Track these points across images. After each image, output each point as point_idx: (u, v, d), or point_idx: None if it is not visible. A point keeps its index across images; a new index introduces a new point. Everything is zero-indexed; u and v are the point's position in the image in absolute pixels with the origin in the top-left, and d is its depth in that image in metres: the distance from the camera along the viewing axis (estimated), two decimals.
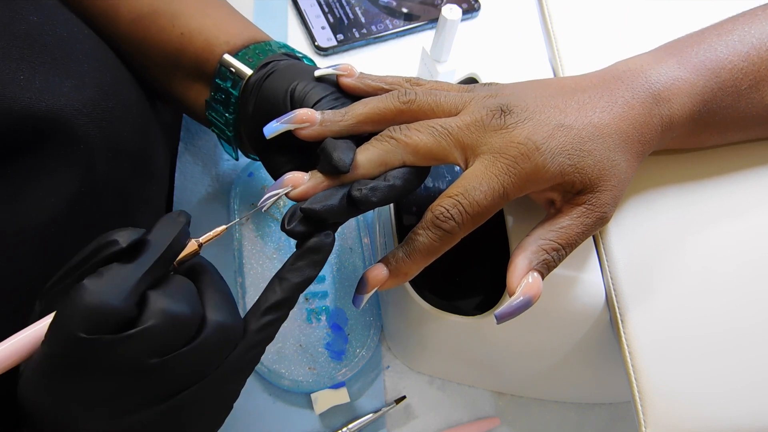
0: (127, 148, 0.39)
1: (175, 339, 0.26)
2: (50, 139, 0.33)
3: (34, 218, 0.33)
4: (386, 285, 0.32)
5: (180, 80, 0.43)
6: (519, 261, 0.30)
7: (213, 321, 0.28)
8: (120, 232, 0.27)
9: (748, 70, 0.34)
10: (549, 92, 0.33)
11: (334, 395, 0.46)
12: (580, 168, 0.31)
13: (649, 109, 0.33)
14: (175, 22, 0.41)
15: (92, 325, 0.25)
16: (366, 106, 0.33)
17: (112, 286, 0.25)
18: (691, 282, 0.35)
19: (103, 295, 0.25)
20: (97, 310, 0.25)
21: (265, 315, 0.30)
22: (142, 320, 0.26)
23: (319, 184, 0.31)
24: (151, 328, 0.25)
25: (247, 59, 0.39)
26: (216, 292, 0.29)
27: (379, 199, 0.30)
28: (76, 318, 0.25)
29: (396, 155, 0.32)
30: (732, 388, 0.33)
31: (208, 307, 0.28)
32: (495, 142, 0.31)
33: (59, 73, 0.34)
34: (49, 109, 0.33)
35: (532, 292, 0.30)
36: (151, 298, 0.26)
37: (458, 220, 0.30)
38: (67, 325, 0.25)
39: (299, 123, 0.32)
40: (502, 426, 0.49)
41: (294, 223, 0.30)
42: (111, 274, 0.26)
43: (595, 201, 0.31)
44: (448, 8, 0.50)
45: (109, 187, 0.37)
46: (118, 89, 0.38)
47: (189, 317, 0.27)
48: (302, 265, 0.31)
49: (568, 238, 0.31)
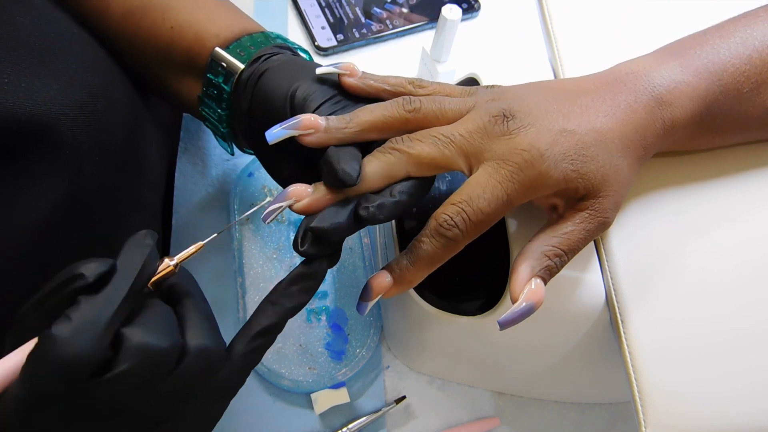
0: (117, 150, 0.38)
1: (154, 374, 0.26)
2: (35, 143, 0.32)
3: (19, 226, 0.32)
4: (390, 293, 0.31)
5: (172, 75, 0.42)
6: (522, 268, 0.30)
7: (193, 347, 0.27)
8: (86, 264, 0.25)
9: (750, 73, 0.34)
10: (551, 95, 0.33)
11: (334, 395, 0.46)
12: (584, 174, 0.31)
13: (652, 112, 0.33)
14: (165, 15, 0.40)
15: (66, 377, 0.23)
16: (371, 114, 0.33)
17: (82, 331, 0.24)
18: (691, 282, 0.35)
19: (74, 345, 0.23)
20: (69, 361, 0.23)
21: (255, 339, 0.30)
22: (118, 361, 0.24)
23: (323, 197, 0.31)
24: (127, 370, 0.24)
25: (239, 52, 0.38)
26: (196, 315, 0.28)
27: (387, 216, 0.30)
28: (48, 370, 0.23)
29: (400, 167, 0.31)
30: (732, 388, 0.33)
31: (187, 332, 0.27)
32: (498, 148, 0.31)
33: (46, 75, 0.33)
34: (33, 113, 0.32)
35: (534, 298, 0.30)
36: (125, 336, 0.25)
37: (462, 228, 0.30)
38: (40, 376, 0.24)
39: (303, 129, 0.32)
40: (502, 426, 0.49)
41: (306, 245, 0.30)
42: (80, 316, 0.24)
43: (597, 206, 0.31)
44: (448, 8, 0.50)
45: (99, 190, 0.37)
46: (107, 90, 0.38)
47: (167, 349, 0.26)
48: (295, 291, 0.30)
49: (570, 244, 0.31)
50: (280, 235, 0.52)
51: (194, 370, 0.27)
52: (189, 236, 0.52)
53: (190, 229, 0.52)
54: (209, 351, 0.27)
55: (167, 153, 0.50)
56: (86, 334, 0.24)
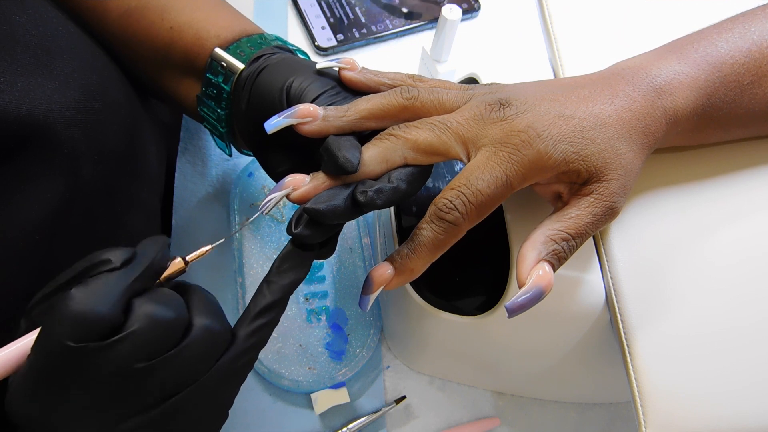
0: (115, 150, 0.38)
1: (160, 342, 0.26)
2: (32, 144, 0.32)
3: (17, 227, 0.32)
4: (392, 284, 0.31)
5: (170, 75, 0.42)
6: (527, 252, 0.30)
7: (199, 325, 0.28)
8: (113, 251, 0.27)
9: (750, 66, 0.34)
10: (548, 88, 0.33)
11: (334, 395, 0.46)
12: (584, 156, 0.30)
13: (652, 101, 0.32)
14: (164, 15, 0.40)
15: (79, 333, 0.25)
16: (369, 102, 0.33)
17: (99, 294, 0.25)
18: (691, 282, 0.35)
19: (90, 304, 0.25)
20: (84, 317, 0.25)
21: (255, 320, 0.30)
22: (127, 325, 0.26)
23: (320, 185, 0.31)
24: (135, 332, 0.25)
25: (239, 53, 0.39)
26: (203, 300, 0.29)
27: (384, 201, 0.30)
28: (62, 326, 0.25)
29: (397, 152, 0.31)
30: (732, 388, 0.33)
31: (194, 312, 0.28)
32: (495, 133, 0.31)
33: (42, 75, 0.33)
34: (30, 113, 0.32)
35: (543, 283, 0.29)
36: (136, 304, 0.26)
37: (462, 211, 0.29)
38: (54, 333, 0.25)
39: (302, 118, 0.32)
40: (502, 426, 0.49)
41: (300, 227, 0.30)
42: (97, 284, 0.26)
43: (602, 190, 0.31)
44: (448, 8, 0.50)
45: (97, 191, 0.36)
46: (105, 90, 0.38)
47: (174, 320, 0.27)
48: (287, 268, 0.31)
49: (577, 228, 0.30)
50: (280, 235, 0.52)
51: (199, 347, 0.27)
52: (189, 236, 0.52)
53: (190, 229, 0.52)
54: (214, 329, 0.28)
55: (166, 152, 0.50)
56: (101, 296, 0.25)
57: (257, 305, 0.30)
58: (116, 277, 0.26)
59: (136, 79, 0.44)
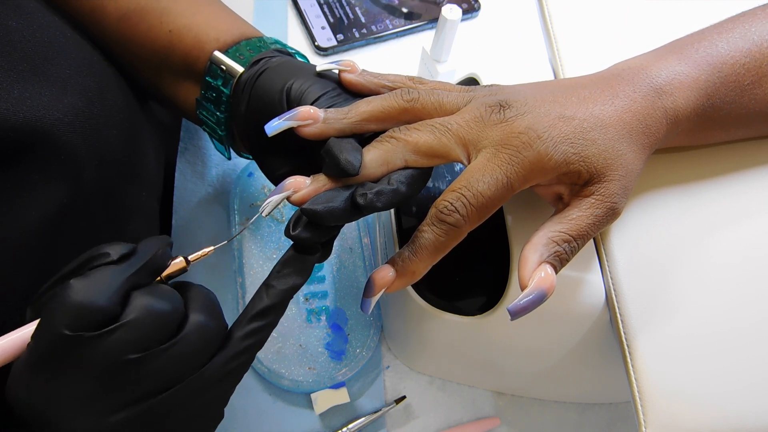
0: (114, 154, 0.38)
1: (154, 334, 0.27)
2: (30, 151, 0.32)
3: (17, 232, 0.32)
4: (394, 286, 0.31)
5: (170, 79, 0.42)
6: (529, 254, 0.30)
7: (194, 320, 0.28)
8: (112, 245, 0.28)
9: (750, 66, 0.34)
10: (548, 89, 0.33)
11: (334, 395, 0.46)
12: (585, 156, 0.30)
13: (652, 101, 0.32)
14: (163, 19, 0.40)
15: (76, 322, 0.25)
16: (369, 104, 0.33)
17: (98, 285, 0.26)
18: (691, 282, 0.35)
19: (88, 294, 0.26)
20: (82, 307, 0.25)
21: (251, 322, 0.30)
22: (123, 316, 0.26)
23: (321, 187, 0.31)
24: (131, 322, 0.26)
25: (238, 56, 0.39)
26: (201, 297, 0.30)
27: (384, 204, 0.30)
28: (60, 315, 0.25)
29: (398, 154, 0.31)
30: (732, 388, 0.33)
31: (191, 308, 0.29)
32: (495, 135, 0.31)
33: (39, 82, 0.33)
34: (28, 120, 0.32)
35: (545, 285, 0.29)
36: (133, 296, 0.27)
37: (463, 213, 0.29)
38: (52, 322, 0.25)
39: (302, 120, 0.32)
40: (502, 426, 0.49)
41: (299, 228, 0.30)
42: (97, 275, 0.27)
43: (603, 191, 0.31)
44: (448, 8, 0.50)
45: (97, 195, 0.36)
46: (103, 94, 0.37)
47: (169, 313, 0.27)
48: (288, 273, 0.31)
49: (578, 229, 0.30)
50: (279, 235, 0.52)
51: (193, 342, 0.28)
52: (189, 236, 0.52)
53: (190, 229, 0.52)
54: (209, 326, 0.29)
55: (166, 154, 0.50)
56: (99, 287, 0.26)
57: (254, 308, 0.30)
58: (116, 270, 0.27)
59: (134, 82, 0.44)
